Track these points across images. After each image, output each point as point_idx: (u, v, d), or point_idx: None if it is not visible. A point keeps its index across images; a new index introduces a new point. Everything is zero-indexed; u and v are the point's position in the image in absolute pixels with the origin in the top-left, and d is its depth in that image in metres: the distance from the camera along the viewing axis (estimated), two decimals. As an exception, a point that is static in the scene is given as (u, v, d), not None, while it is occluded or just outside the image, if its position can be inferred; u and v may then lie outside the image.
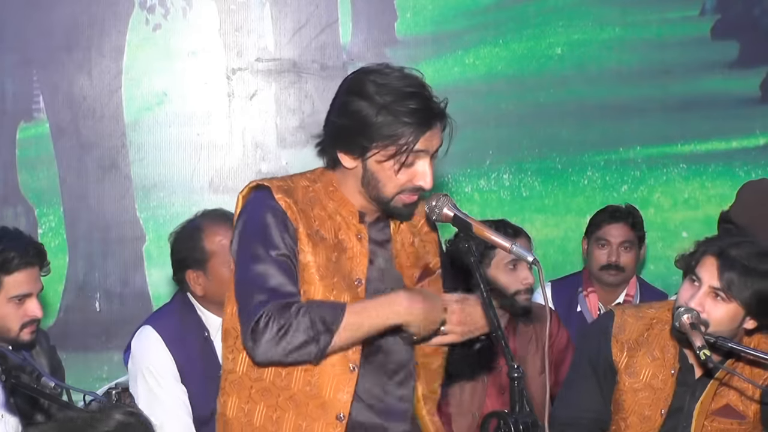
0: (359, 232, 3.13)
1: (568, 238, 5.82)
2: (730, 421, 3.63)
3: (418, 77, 3.08)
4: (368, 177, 3.06)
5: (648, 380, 3.62)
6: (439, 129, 3.05)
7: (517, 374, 2.88)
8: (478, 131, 5.76)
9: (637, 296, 5.30)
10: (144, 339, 4.25)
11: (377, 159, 3.03)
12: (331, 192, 3.13)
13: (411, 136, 2.99)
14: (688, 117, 5.93)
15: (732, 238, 3.64)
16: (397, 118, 2.99)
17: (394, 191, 3.06)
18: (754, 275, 3.45)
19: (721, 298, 3.46)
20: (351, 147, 3.04)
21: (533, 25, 5.85)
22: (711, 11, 5.98)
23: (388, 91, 3.01)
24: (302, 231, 3.06)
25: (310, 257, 3.06)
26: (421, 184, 3.05)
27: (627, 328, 3.66)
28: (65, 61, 5.55)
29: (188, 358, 4.21)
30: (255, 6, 5.66)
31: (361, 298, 3.10)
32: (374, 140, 3.01)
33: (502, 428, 2.85)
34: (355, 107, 3.01)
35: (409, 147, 3.00)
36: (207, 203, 5.55)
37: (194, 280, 4.23)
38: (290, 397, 3.08)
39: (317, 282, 3.06)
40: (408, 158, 3.01)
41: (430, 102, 3.04)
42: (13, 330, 3.82)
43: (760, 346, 3.60)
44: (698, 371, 3.62)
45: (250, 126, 5.65)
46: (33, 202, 5.54)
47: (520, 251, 2.98)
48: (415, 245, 3.24)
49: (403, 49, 5.73)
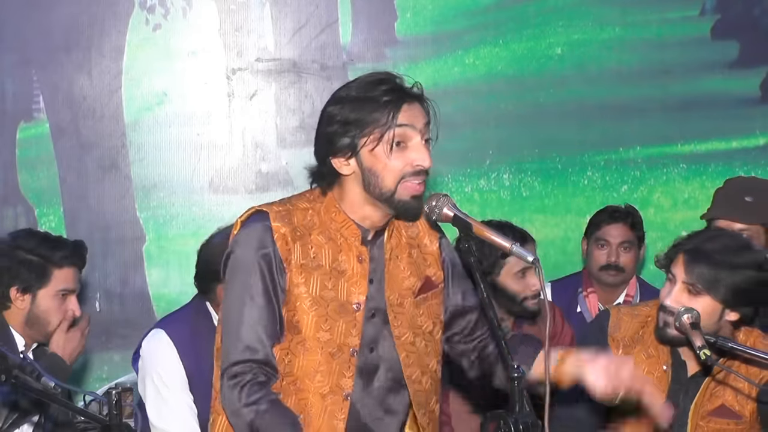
0: (360, 255, 3.13)
1: (568, 238, 5.82)
2: (727, 422, 3.64)
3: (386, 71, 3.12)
4: (367, 175, 3.06)
5: None
6: (418, 106, 3.06)
7: (516, 374, 2.88)
8: (478, 131, 5.76)
9: (637, 296, 5.30)
10: (155, 342, 4.24)
11: (368, 150, 3.04)
12: (333, 213, 3.14)
13: (389, 113, 3.02)
14: (688, 117, 5.93)
15: (706, 233, 3.67)
16: (371, 103, 3.03)
17: (395, 180, 3.05)
18: (724, 267, 3.50)
19: (693, 293, 3.51)
20: (340, 149, 3.06)
21: (533, 25, 5.85)
22: (711, 11, 5.98)
23: (356, 86, 3.08)
24: (294, 263, 3.08)
25: (302, 288, 3.09)
26: (419, 164, 3.04)
27: (622, 326, 3.70)
28: (65, 61, 5.55)
29: (198, 366, 4.20)
30: (255, 6, 5.66)
31: (359, 321, 3.11)
32: (358, 131, 3.03)
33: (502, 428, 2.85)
34: (331, 113, 3.07)
35: (391, 123, 3.01)
36: (207, 203, 5.57)
37: None
38: None
39: (310, 313, 3.08)
40: (395, 135, 3.02)
41: (400, 83, 3.08)
42: (52, 324, 3.99)
43: (756, 344, 3.61)
44: (691, 369, 3.63)
45: (250, 126, 5.65)
46: (33, 202, 5.54)
47: (520, 251, 2.98)
48: (413, 256, 3.23)
49: (403, 49, 5.73)
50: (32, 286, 3.95)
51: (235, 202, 5.50)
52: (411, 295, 3.20)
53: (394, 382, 3.20)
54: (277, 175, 5.63)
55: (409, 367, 3.20)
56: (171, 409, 4.16)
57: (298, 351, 3.09)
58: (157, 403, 4.19)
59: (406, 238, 3.23)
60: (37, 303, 3.96)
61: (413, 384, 3.22)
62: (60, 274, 3.98)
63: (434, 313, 3.26)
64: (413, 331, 3.21)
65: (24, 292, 3.95)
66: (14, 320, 3.96)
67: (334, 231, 3.12)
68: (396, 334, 3.18)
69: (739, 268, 3.49)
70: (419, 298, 3.22)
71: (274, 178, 5.63)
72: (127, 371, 4.90)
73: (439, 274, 3.27)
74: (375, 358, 3.17)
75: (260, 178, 5.62)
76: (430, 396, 3.27)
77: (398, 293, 3.19)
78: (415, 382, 3.22)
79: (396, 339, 3.18)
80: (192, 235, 5.45)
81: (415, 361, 3.21)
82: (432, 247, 3.27)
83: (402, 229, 3.23)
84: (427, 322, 3.24)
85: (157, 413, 4.18)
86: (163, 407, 4.18)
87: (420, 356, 3.22)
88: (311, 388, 3.09)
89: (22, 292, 3.95)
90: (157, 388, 4.21)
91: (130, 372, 4.68)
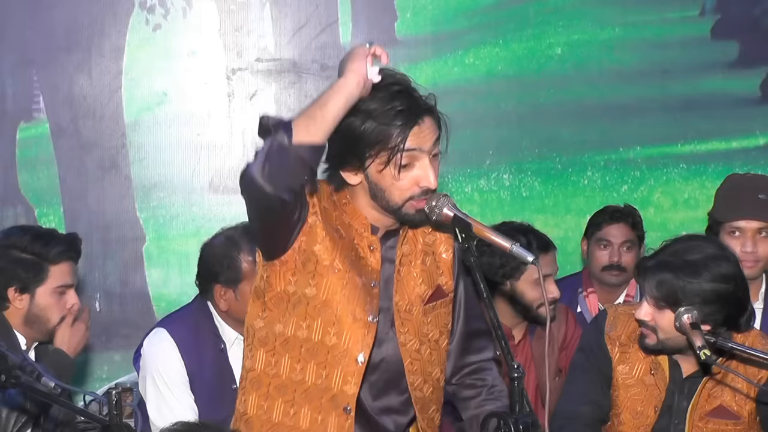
0: (371, 244, 3.15)
1: (568, 238, 5.82)
2: (725, 422, 3.64)
3: (403, 77, 3.09)
4: (374, 189, 3.08)
5: (640, 376, 3.67)
6: (428, 124, 3.05)
7: (517, 374, 2.88)
8: (478, 131, 5.76)
9: (637, 296, 5.29)
10: (157, 341, 4.25)
11: (376, 168, 3.04)
12: (344, 205, 3.14)
13: (399, 136, 3.00)
14: (688, 117, 5.93)
15: (671, 246, 3.63)
16: (382, 122, 3.00)
17: (402, 198, 3.06)
18: (654, 270, 3.51)
19: (659, 308, 3.52)
20: (349, 162, 3.06)
21: (533, 25, 5.85)
22: (711, 11, 5.98)
23: (374, 98, 3.02)
24: (320, 225, 3.07)
25: (320, 247, 3.07)
26: (425, 185, 3.05)
27: (619, 326, 3.71)
28: (65, 61, 5.55)
29: (200, 366, 4.20)
30: (255, 6, 5.66)
31: (376, 302, 3.12)
32: (367, 149, 3.02)
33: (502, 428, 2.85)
34: (344, 124, 3.02)
35: (400, 147, 3.00)
36: (207, 203, 5.57)
37: (221, 295, 4.22)
38: (305, 391, 3.11)
39: (330, 274, 3.07)
40: (402, 159, 3.01)
41: (414, 100, 3.05)
42: (52, 321, 3.95)
43: (755, 344, 3.62)
44: (686, 370, 3.64)
45: (250, 126, 5.64)
46: (33, 202, 5.54)
47: (520, 251, 2.97)
48: (426, 264, 3.23)
49: (403, 49, 5.73)
50: (30, 285, 3.91)
51: (235, 202, 5.45)
52: (420, 302, 3.21)
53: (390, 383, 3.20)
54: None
55: (413, 374, 3.21)
56: (171, 408, 4.16)
57: (315, 314, 3.08)
58: (157, 402, 4.20)
59: (422, 245, 3.23)
60: (36, 301, 3.93)
61: (415, 390, 3.22)
62: (56, 270, 3.94)
63: (442, 322, 3.27)
64: (419, 338, 3.21)
65: (22, 292, 3.92)
66: (13, 320, 3.93)
67: (346, 222, 3.14)
68: (402, 340, 3.18)
69: (701, 281, 3.48)
70: (428, 306, 3.22)
71: (274, 178, 5.62)
72: (128, 371, 4.90)
73: (450, 284, 3.27)
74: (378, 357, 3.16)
75: (260, 178, 5.61)
76: (430, 404, 3.28)
77: (408, 300, 3.19)
78: (416, 389, 3.22)
79: (401, 345, 3.18)
80: (192, 235, 5.46)
81: (418, 368, 3.21)
82: (447, 257, 3.27)
83: (419, 236, 3.23)
84: (434, 330, 3.25)
85: (158, 412, 4.19)
86: (164, 406, 4.19)
87: (424, 364, 3.23)
88: (338, 311, 3.08)
89: (20, 292, 3.92)
90: (157, 386, 4.21)
91: (131, 372, 4.68)
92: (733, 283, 3.51)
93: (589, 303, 5.31)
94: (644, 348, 3.63)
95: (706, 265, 3.49)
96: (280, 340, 3.14)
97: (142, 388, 4.26)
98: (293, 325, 3.12)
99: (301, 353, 3.12)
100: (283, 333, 3.13)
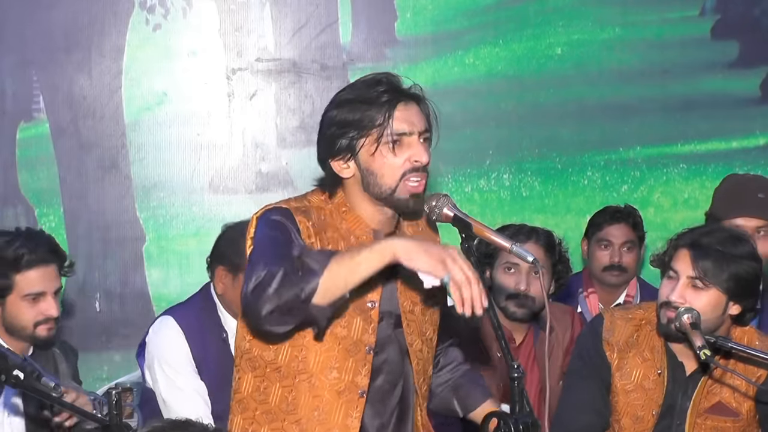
0: None
1: (568, 238, 5.76)
2: (724, 419, 3.64)
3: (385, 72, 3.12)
4: (366, 176, 3.05)
5: (639, 381, 3.64)
6: (415, 110, 3.06)
7: (517, 374, 2.88)
8: (478, 131, 5.76)
9: (637, 296, 5.30)
10: (163, 327, 4.27)
11: (367, 151, 3.04)
12: (344, 213, 3.12)
13: (386, 113, 3.01)
14: (688, 117, 5.93)
15: (701, 228, 3.67)
16: (367, 104, 3.03)
17: (395, 178, 3.04)
18: (728, 259, 3.50)
19: (700, 287, 3.51)
20: (339, 150, 3.06)
21: (533, 25, 5.85)
22: (711, 11, 5.98)
23: (354, 88, 3.08)
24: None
25: None
26: (417, 159, 3.03)
27: (616, 331, 3.68)
28: (65, 61, 5.55)
29: (205, 354, 4.22)
30: (255, 6, 5.65)
31: (374, 320, 3.10)
32: (355, 133, 3.03)
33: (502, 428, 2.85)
34: (330, 116, 3.06)
35: (387, 122, 3.01)
36: (207, 203, 5.57)
37: (221, 277, 4.25)
38: (296, 422, 3.08)
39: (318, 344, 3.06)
40: (392, 134, 3.01)
41: (396, 85, 3.08)
42: (27, 328, 3.83)
43: (752, 342, 3.62)
44: (689, 369, 3.64)
45: (250, 126, 5.65)
46: (33, 202, 5.54)
47: (520, 251, 2.97)
48: None
49: (403, 49, 5.73)
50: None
51: (235, 202, 5.50)
52: (420, 302, 3.20)
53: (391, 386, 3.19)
54: (277, 175, 5.63)
55: (418, 374, 3.21)
56: (181, 388, 4.18)
57: (313, 346, 3.06)
58: (167, 385, 4.20)
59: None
60: (8, 310, 3.82)
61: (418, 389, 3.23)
62: (23, 279, 3.79)
63: (435, 320, 3.27)
64: (421, 338, 3.21)
65: None
66: None
67: (345, 231, 3.11)
68: (408, 341, 3.17)
69: (741, 259, 3.51)
70: (425, 305, 3.22)
71: (274, 178, 5.63)
72: (128, 371, 4.91)
73: None
74: (380, 360, 3.15)
75: (260, 178, 5.62)
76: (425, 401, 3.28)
77: (410, 300, 3.18)
78: (420, 388, 3.23)
79: (409, 346, 3.17)
80: (192, 235, 5.47)
81: (421, 369, 3.22)
82: None
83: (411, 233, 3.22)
84: (430, 329, 3.25)
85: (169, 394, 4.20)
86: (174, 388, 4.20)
87: (425, 364, 3.23)
88: (326, 384, 3.07)
89: None
90: (164, 371, 4.22)
91: (131, 372, 4.68)
92: (762, 263, 3.58)
93: (589, 303, 5.31)
94: (667, 334, 3.56)
95: (742, 243, 3.54)
96: (271, 367, 3.11)
97: (150, 376, 4.26)
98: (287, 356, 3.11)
99: (295, 383, 3.10)
100: (274, 361, 3.11)
